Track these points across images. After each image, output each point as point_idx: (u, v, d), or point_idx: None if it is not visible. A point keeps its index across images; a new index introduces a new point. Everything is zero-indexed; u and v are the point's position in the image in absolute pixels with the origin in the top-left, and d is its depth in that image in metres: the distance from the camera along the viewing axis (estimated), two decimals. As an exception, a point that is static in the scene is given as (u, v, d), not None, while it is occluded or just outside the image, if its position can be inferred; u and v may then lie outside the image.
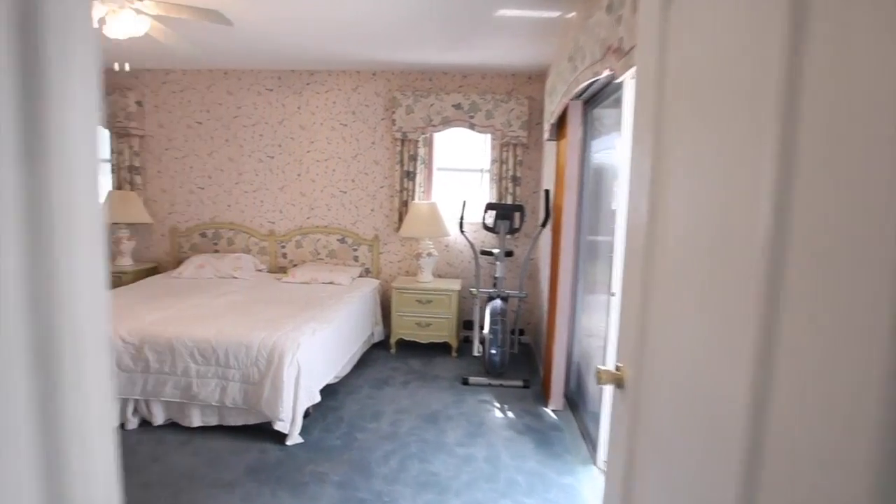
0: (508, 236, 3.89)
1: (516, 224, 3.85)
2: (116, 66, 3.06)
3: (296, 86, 4.54)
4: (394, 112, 4.35)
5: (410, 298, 4.14)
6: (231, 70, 4.59)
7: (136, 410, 2.80)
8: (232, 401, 2.65)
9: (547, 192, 3.71)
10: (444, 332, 4.14)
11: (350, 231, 4.65)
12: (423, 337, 4.16)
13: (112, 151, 4.65)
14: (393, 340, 4.21)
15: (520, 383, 3.56)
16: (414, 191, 4.45)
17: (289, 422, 2.60)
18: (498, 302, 3.65)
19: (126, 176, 4.66)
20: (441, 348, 4.27)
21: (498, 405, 3.29)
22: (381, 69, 4.41)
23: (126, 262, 4.60)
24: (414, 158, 4.41)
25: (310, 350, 2.77)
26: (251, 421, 2.72)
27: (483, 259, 4.19)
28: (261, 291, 3.89)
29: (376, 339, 4.30)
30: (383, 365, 3.94)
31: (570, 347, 3.26)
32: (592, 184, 3.09)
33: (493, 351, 3.49)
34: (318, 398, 2.83)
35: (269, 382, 2.59)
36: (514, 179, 4.37)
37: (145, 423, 2.81)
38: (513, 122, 4.27)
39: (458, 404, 3.26)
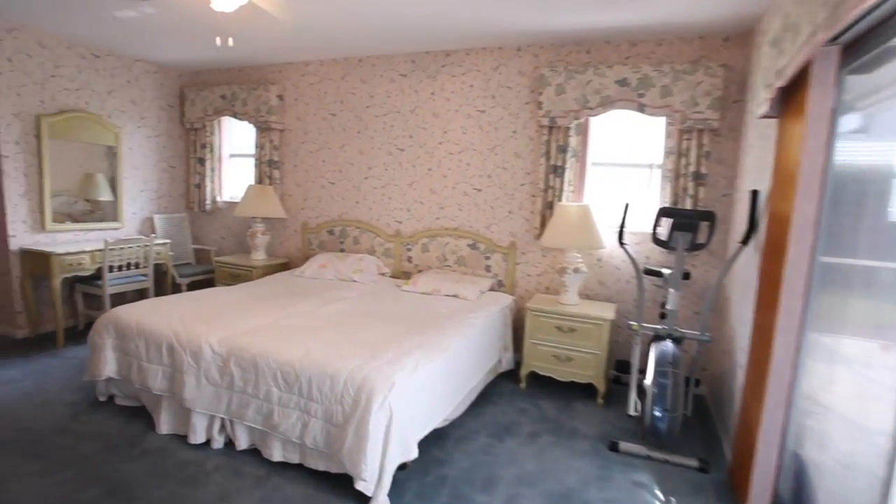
0: (687, 253, 2.83)
1: (701, 238, 2.77)
2: (218, 41, 2.81)
3: (430, 69, 4.02)
4: (541, 93, 3.55)
5: (549, 324, 3.31)
6: (366, 57, 4.25)
7: (222, 428, 2.49)
8: (313, 441, 2.16)
9: (755, 193, 2.57)
10: (588, 370, 3.23)
11: (483, 236, 3.99)
12: (562, 373, 3.31)
13: (256, 146, 4.67)
14: (524, 373, 3.43)
15: (694, 463, 2.52)
16: (561, 190, 3.60)
17: (373, 483, 2.01)
18: (669, 345, 2.63)
19: (266, 170, 4.65)
20: (583, 391, 3.36)
21: (661, 496, 2.31)
22: (527, 42, 3.65)
23: (259, 257, 4.58)
24: (563, 150, 3.56)
25: (408, 391, 2.15)
26: (334, 469, 2.20)
27: (648, 281, 3.17)
28: (374, 301, 3.42)
29: (504, 367, 3.57)
30: (509, 404, 3.19)
31: (786, 425, 2.13)
32: (844, 182, 1.93)
33: (658, 413, 2.50)
34: (414, 453, 2.19)
35: (352, 428, 2.03)
36: (698, 177, 3.24)
37: (230, 444, 2.48)
38: (699, 101, 3.16)
39: (602, 483, 2.37)
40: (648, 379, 2.58)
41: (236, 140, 5.11)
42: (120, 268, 4.09)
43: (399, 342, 2.52)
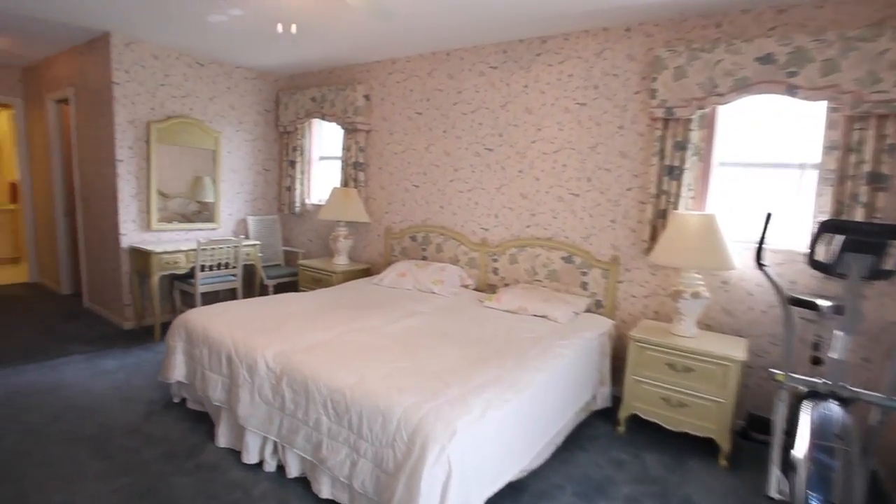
0: (865, 282, 2.08)
1: (888, 263, 2.02)
2: (280, 28, 2.62)
3: (524, 59, 3.59)
4: (654, 79, 2.96)
5: (658, 359, 2.71)
6: (454, 50, 3.93)
7: (275, 451, 2.28)
8: (361, 485, 1.85)
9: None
10: (708, 421, 2.58)
11: (579, 248, 3.46)
12: (673, 421, 2.69)
13: (342, 148, 4.57)
14: (623, 414, 2.86)
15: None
16: (678, 196, 2.97)
17: (425, 550, 1.64)
18: (833, 408, 1.93)
19: (351, 172, 4.52)
20: (700, 446, 2.70)
21: None
22: (638, 19, 3.07)
23: (341, 261, 4.46)
24: (682, 147, 2.93)
25: (473, 441, 1.75)
26: (384, 521, 1.86)
27: (798, 314, 2.45)
28: (451, 317, 3.06)
29: (599, 404, 3.02)
30: (603, 452, 2.65)
31: None
32: None
33: (816, 501, 1.82)
34: (478, 516, 1.79)
35: (403, 480, 1.68)
36: (875, 179, 2.45)
37: (281, 469, 2.26)
38: (882, 76, 2.37)
39: (729, 586, 1.77)
40: (800, 450, 1.91)
41: (325, 143, 5.08)
42: (211, 267, 4.18)
43: (469, 374, 2.12)
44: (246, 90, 4.87)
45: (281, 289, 4.90)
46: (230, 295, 4.65)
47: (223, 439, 2.46)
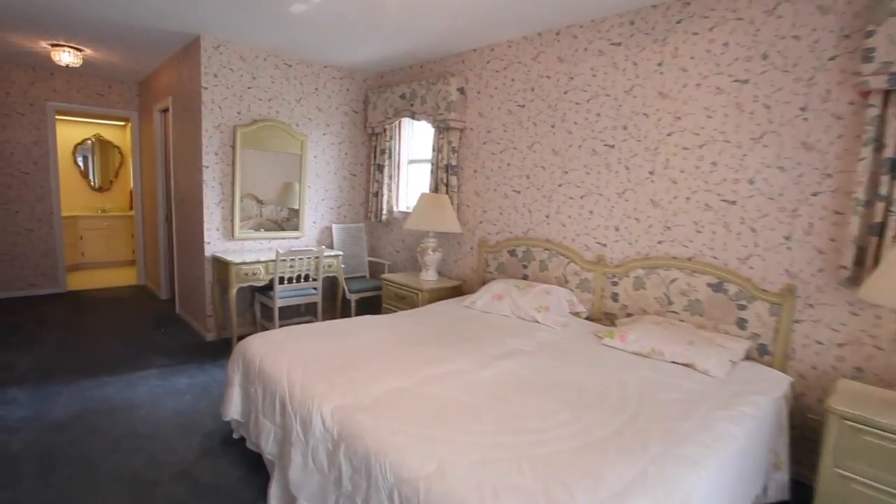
0: None
1: None
2: None
3: (657, 29, 2.81)
4: (870, 33, 2.05)
5: (887, 449, 1.80)
6: (565, 28, 3.25)
7: (332, 534, 1.76)
8: None
9: None
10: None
11: (735, 273, 2.59)
12: (908, 546, 1.76)
13: (433, 149, 4.06)
14: (816, 519, 1.96)
15: None
16: (904, 202, 2.03)
17: None
18: None
19: (442, 176, 4.00)
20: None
21: None
22: (843, -45, 2.18)
23: (429, 277, 3.94)
24: (914, 131, 1.99)
25: None
26: None
27: None
28: (563, 360, 2.37)
29: (771, 497, 2.15)
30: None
31: None
32: None
33: None
34: None
35: None
36: None
37: (340, 561, 1.74)
38: None
39: None
40: None
41: (415, 145, 4.62)
42: (291, 279, 3.87)
43: (599, 468, 1.43)
44: (333, 90, 4.57)
45: (364, 304, 4.51)
46: (311, 310, 4.34)
47: (275, 502, 1.99)
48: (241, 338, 4.09)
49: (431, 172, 4.09)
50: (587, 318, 3.15)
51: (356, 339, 2.52)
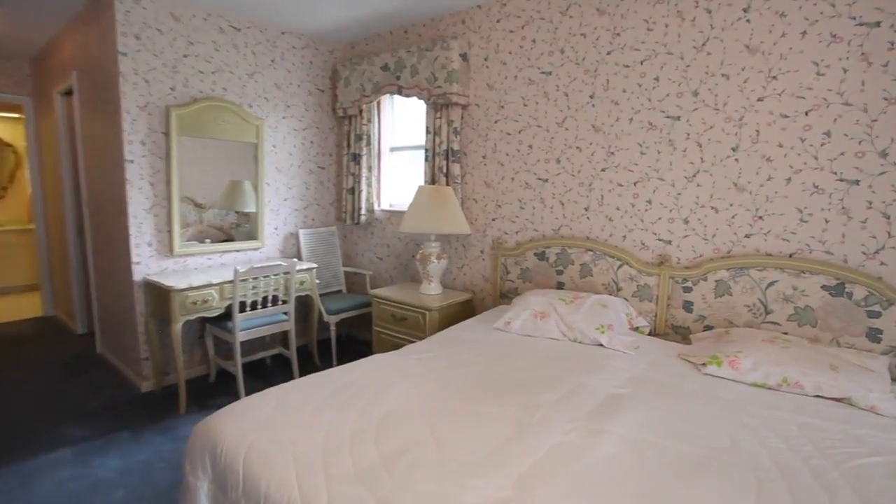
0: None
1: None
2: None
3: (744, -37, 2.21)
4: None
5: None
6: (608, -31, 2.59)
7: None
8: None
9: None
10: None
11: (860, 272, 2.04)
12: None
13: (428, 131, 3.29)
14: None
15: None
16: None
17: None
18: None
19: (442, 165, 3.24)
20: None
21: None
22: None
23: (433, 291, 3.17)
24: None
25: None
26: None
27: None
28: (676, 406, 1.71)
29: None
30: None
31: None
32: None
33: None
34: None
35: None
36: None
37: None
38: None
39: None
40: None
41: (401, 127, 3.82)
42: (255, 304, 2.98)
43: None
44: (294, 63, 3.67)
45: (346, 327, 3.68)
46: (280, 340, 3.46)
47: None
48: (191, 383, 3.16)
49: (427, 160, 3.31)
50: (650, 334, 2.53)
51: (382, 401, 1.73)
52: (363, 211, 3.74)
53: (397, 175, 3.84)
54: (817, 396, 1.80)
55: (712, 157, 2.34)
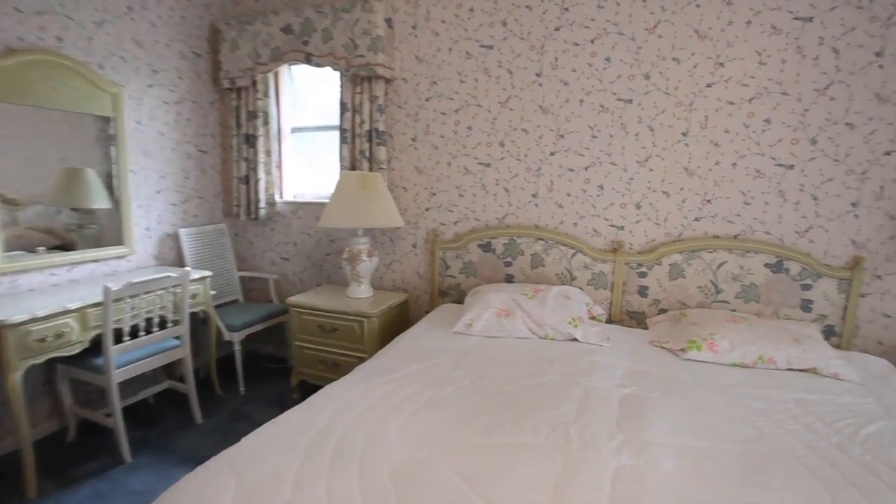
0: None
1: None
2: None
3: (694, -53, 2.22)
4: (979, -35, 1.78)
5: None
6: (553, -62, 2.43)
7: None
8: None
9: None
10: None
11: (795, 249, 2.23)
12: None
13: (345, 109, 2.82)
14: None
15: None
16: None
17: None
18: None
19: (363, 147, 2.81)
20: None
21: None
22: None
23: (364, 294, 2.77)
24: None
25: None
26: None
27: None
28: (691, 403, 1.66)
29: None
30: None
31: None
32: None
33: None
34: None
35: None
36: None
37: None
38: None
39: None
40: None
41: (304, 103, 3.25)
42: (135, 332, 2.26)
43: None
44: (160, 15, 2.84)
45: (253, 343, 3.07)
46: (169, 372, 2.73)
47: None
48: (40, 448, 2.29)
49: (345, 142, 2.85)
50: (607, 322, 2.51)
51: (383, 451, 1.35)
52: (262, 204, 3.12)
53: (303, 160, 3.28)
54: (789, 370, 1.91)
55: (664, 141, 2.36)
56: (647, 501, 1.16)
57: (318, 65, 2.81)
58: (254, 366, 3.20)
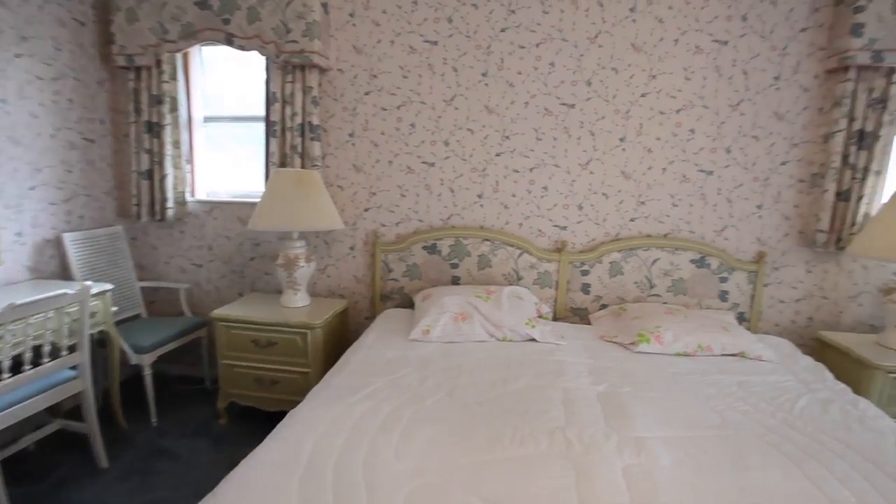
0: None
1: None
2: None
3: (632, -35, 2.36)
4: (857, 10, 2.12)
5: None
6: (499, -61, 2.42)
7: None
8: None
9: None
10: None
11: (714, 246, 2.51)
12: None
13: (272, 99, 2.54)
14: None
15: None
16: (867, 172, 2.26)
17: None
18: None
19: (296, 142, 2.57)
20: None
21: None
22: (820, -77, 2.20)
23: (300, 302, 2.54)
24: (881, 106, 2.21)
25: None
26: None
27: None
28: (662, 396, 1.78)
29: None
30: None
31: None
32: None
33: None
34: None
35: None
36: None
37: None
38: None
39: None
40: None
41: (216, 89, 2.87)
42: (17, 366, 1.83)
43: None
44: (23, -31, 2.29)
45: (167, 365, 2.67)
46: (65, 411, 2.26)
47: None
48: None
49: (273, 136, 2.58)
50: (553, 320, 2.60)
51: (392, 483, 1.24)
52: (170, 203, 2.69)
53: (218, 155, 2.90)
54: (723, 355, 2.14)
55: (604, 146, 2.49)
56: (666, 499, 1.20)
57: (242, 48, 2.49)
58: (164, 392, 2.77)
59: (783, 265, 2.49)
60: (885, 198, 2.28)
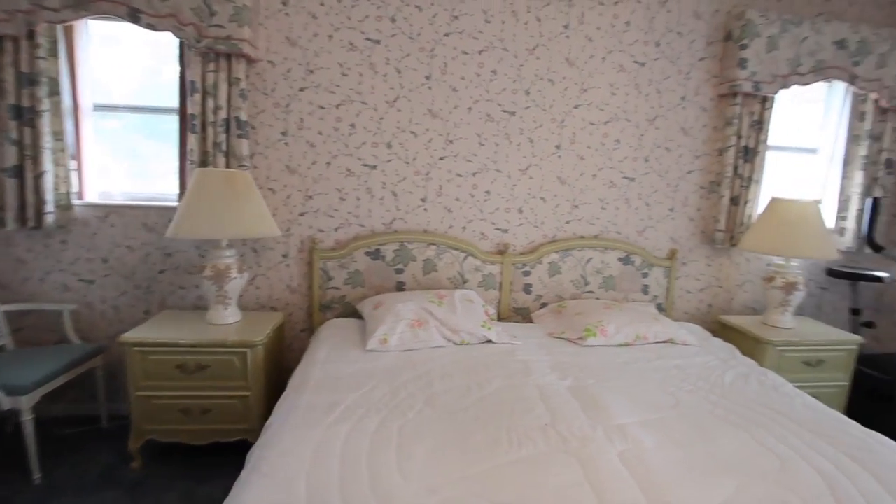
0: None
1: None
2: None
3: (566, -16, 2.52)
4: (744, 46, 2.52)
5: (795, 359, 2.41)
6: (442, -56, 2.42)
7: None
8: None
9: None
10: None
11: (637, 245, 2.77)
12: None
13: (192, 90, 2.23)
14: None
15: None
16: (750, 181, 2.69)
17: None
18: None
19: (220, 139, 2.28)
20: None
21: None
22: (714, -33, 2.57)
23: (230, 318, 2.25)
24: (759, 126, 2.65)
25: None
26: None
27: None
28: (621, 384, 1.91)
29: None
30: None
31: None
32: None
33: None
34: None
35: None
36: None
37: None
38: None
39: None
40: None
41: (109, 74, 2.42)
42: None
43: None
44: None
45: (50, 404, 2.18)
46: None
47: None
48: None
49: (192, 131, 2.26)
50: (502, 319, 2.65)
51: None
52: (49, 207, 2.20)
53: (119, 150, 2.45)
54: (656, 342, 2.36)
55: (541, 152, 2.62)
56: (664, 478, 1.29)
57: (152, 27, 2.15)
58: (47, 438, 2.24)
59: (690, 260, 2.84)
60: (761, 201, 2.74)
